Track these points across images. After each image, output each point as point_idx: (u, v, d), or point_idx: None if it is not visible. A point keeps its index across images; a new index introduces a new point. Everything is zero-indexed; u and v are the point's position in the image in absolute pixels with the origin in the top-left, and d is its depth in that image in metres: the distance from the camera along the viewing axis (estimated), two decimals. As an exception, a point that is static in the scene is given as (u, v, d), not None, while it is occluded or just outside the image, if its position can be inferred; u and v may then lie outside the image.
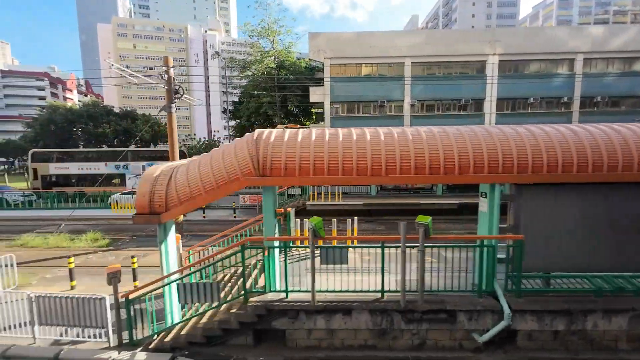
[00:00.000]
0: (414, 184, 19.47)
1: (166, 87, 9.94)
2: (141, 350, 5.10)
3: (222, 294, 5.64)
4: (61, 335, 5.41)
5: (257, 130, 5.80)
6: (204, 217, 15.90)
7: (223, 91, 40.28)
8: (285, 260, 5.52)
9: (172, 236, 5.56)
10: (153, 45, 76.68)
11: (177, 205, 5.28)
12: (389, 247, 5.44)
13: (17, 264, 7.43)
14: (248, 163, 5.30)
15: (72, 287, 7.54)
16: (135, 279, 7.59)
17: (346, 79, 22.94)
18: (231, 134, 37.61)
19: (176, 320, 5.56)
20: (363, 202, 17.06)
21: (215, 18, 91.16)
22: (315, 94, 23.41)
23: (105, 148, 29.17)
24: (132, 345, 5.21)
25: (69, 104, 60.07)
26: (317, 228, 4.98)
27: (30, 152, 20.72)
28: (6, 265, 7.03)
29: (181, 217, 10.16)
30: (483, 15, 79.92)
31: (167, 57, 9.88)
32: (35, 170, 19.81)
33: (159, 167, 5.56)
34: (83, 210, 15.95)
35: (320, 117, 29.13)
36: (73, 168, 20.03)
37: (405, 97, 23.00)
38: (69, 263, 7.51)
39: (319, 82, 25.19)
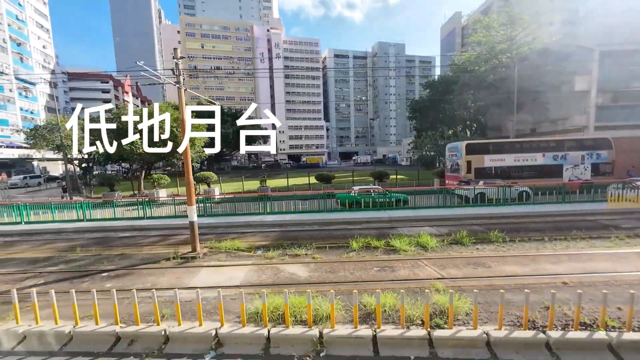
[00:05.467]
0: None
1: None
2: None
3: None
4: None
5: None
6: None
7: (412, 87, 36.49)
8: None
9: None
10: (220, 44, 74.70)
11: None
12: None
13: None
14: None
15: None
16: None
17: (615, 66, 21.99)
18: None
19: None
20: None
21: (275, 17, 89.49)
22: (580, 82, 22.37)
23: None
24: None
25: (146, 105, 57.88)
26: None
27: (464, 144, 19.40)
28: None
29: None
30: (548, 8, 79.73)
31: None
32: (469, 163, 18.63)
33: None
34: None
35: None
36: (509, 159, 18.61)
37: (678, 83, 22.15)
38: None
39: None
